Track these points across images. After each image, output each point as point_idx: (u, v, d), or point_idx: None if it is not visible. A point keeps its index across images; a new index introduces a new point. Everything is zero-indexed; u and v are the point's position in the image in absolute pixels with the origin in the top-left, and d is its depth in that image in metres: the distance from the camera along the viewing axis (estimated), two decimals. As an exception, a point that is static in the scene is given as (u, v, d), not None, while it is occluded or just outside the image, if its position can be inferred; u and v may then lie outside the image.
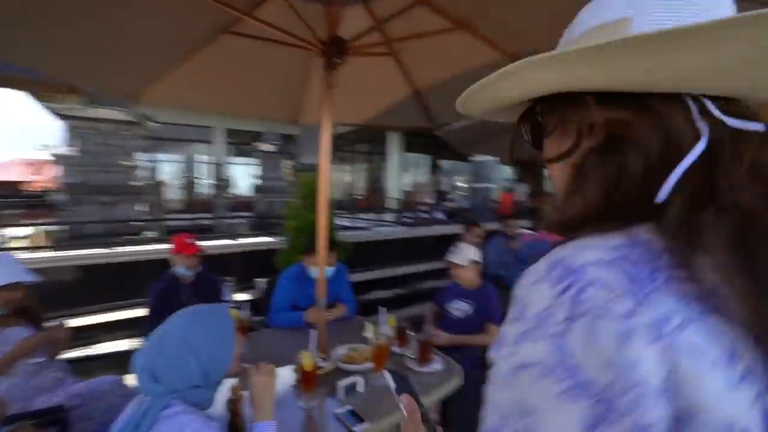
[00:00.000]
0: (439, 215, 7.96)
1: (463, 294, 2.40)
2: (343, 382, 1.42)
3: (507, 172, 14.11)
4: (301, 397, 1.38)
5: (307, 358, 1.34)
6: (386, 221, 6.79)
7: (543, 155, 0.48)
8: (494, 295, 2.30)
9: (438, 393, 1.48)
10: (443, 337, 2.09)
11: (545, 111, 0.45)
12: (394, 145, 9.65)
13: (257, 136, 7.29)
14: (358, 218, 6.75)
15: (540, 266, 0.36)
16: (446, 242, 6.29)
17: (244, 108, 2.56)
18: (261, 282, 2.72)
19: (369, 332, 1.57)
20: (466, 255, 2.35)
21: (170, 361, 0.95)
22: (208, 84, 2.14)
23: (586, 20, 0.43)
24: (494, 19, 1.80)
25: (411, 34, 1.96)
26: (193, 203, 9.68)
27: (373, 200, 10.73)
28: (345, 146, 12.36)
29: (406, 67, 2.31)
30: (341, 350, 1.75)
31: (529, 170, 0.57)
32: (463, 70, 2.18)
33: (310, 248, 2.27)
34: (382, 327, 1.64)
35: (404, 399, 0.65)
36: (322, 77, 1.65)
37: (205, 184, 10.50)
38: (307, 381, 1.36)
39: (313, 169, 6.46)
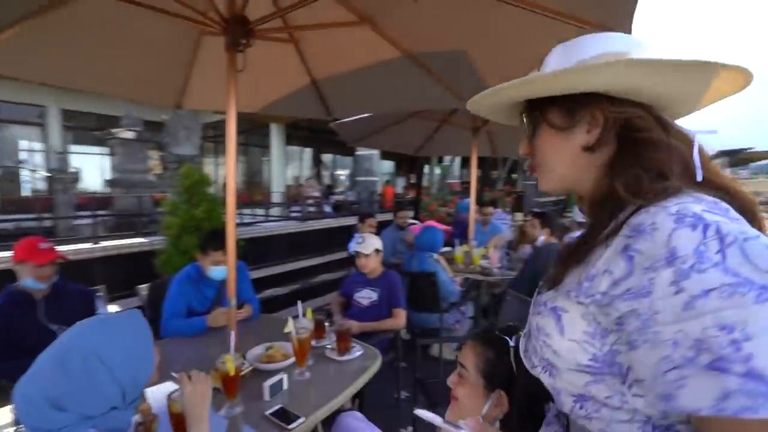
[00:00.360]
0: (328, 209, 7.97)
1: (368, 283, 2.50)
2: (268, 383, 1.36)
3: (386, 165, 14.83)
4: (223, 405, 1.28)
5: (231, 362, 1.24)
6: (274, 216, 6.50)
7: (549, 140, 0.61)
8: (398, 280, 2.45)
9: (363, 378, 1.53)
10: (354, 325, 2.15)
11: (559, 108, 0.58)
12: (275, 137, 9.23)
13: (110, 121, 6.18)
14: (243, 213, 6.31)
15: (664, 221, 0.44)
16: (337, 235, 6.37)
17: (110, 86, 2.16)
18: (143, 288, 2.36)
19: (289, 327, 1.52)
20: (370, 244, 2.45)
21: (80, 383, 0.78)
22: (66, 51, 1.75)
23: (592, 48, 0.56)
24: (396, 17, 1.89)
25: (314, 23, 1.93)
26: (17, 201, 7.70)
27: (252, 194, 10.12)
28: (219, 136, 11.34)
29: (306, 56, 2.26)
30: (257, 350, 1.66)
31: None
32: (363, 65, 2.25)
33: (206, 246, 2.07)
34: (301, 321, 1.61)
35: (471, 422, 0.61)
36: (227, 59, 1.51)
37: (36, 176, 8.42)
38: (230, 387, 1.26)
39: (187, 160, 5.79)
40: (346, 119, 3.70)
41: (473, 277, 3.29)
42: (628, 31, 1.27)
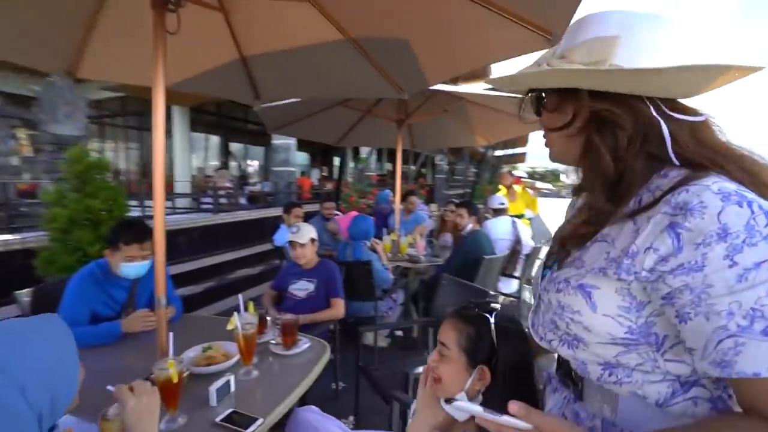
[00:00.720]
0: (242, 200, 7.44)
1: (304, 273, 2.40)
2: (214, 386, 1.22)
3: (300, 157, 14.38)
4: (161, 419, 1.12)
5: (173, 367, 1.08)
6: (181, 208, 5.84)
7: (546, 124, 0.65)
8: (336, 269, 2.40)
9: (316, 370, 1.47)
10: (300, 318, 2.05)
11: (553, 93, 0.62)
12: (178, 122, 8.25)
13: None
14: (145, 206, 5.55)
15: (711, 199, 0.47)
16: (253, 228, 6.00)
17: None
18: (23, 294, 1.94)
19: (233, 323, 1.39)
20: (306, 233, 2.36)
21: None
22: None
23: (588, 31, 0.58)
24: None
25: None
26: None
27: (149, 184, 8.97)
28: (105, 117, 9.83)
29: (237, 29, 2.06)
30: (191, 353, 1.48)
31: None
32: (300, 45, 2.13)
33: (117, 240, 1.78)
34: (245, 316, 1.47)
35: (514, 406, 0.54)
36: (154, 19, 1.29)
37: None
38: (171, 396, 1.10)
39: (70, 142, 4.86)
40: (272, 104, 3.49)
41: (403, 265, 3.38)
42: (560, 35, 1.40)
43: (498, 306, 0.89)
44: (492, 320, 0.86)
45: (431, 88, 2.60)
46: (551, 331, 0.63)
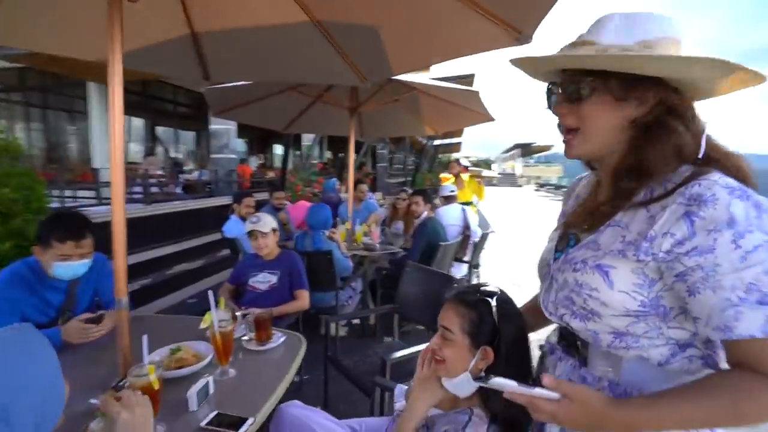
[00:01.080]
0: (177, 190, 6.85)
1: (265, 265, 2.31)
2: (194, 389, 1.14)
3: (238, 144, 13.61)
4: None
5: (153, 372, 0.99)
6: (108, 198, 5.23)
7: (600, 107, 0.65)
8: (299, 259, 2.34)
9: (296, 363, 1.43)
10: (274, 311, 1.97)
11: (619, 80, 0.62)
12: (95, 101, 7.30)
13: None
14: (65, 196, 4.89)
15: (721, 193, 0.54)
16: (190, 219, 5.59)
17: None
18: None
19: (208, 322, 1.30)
20: (267, 222, 2.27)
21: None
22: None
23: (653, 29, 0.60)
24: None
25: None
26: None
27: (59, 171, 7.90)
28: (1, 92, 8.44)
29: (188, 2, 1.88)
30: (157, 356, 1.36)
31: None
32: (260, 24, 2.00)
33: (49, 236, 1.57)
34: (219, 313, 1.38)
35: (547, 379, 0.60)
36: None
37: None
38: (152, 404, 1.01)
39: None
40: (218, 85, 3.25)
41: (359, 254, 3.38)
42: (530, 36, 1.48)
43: (497, 290, 0.94)
44: (494, 303, 0.90)
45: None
46: (565, 307, 0.70)
